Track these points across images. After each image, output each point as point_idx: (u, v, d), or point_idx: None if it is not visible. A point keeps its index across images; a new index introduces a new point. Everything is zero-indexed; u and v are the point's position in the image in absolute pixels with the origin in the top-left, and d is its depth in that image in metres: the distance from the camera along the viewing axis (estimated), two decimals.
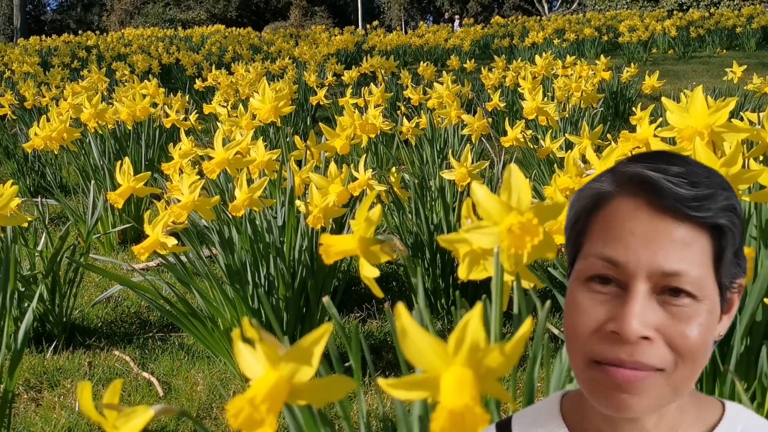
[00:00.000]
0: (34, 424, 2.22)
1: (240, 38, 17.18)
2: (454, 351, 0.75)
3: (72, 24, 34.81)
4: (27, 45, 17.37)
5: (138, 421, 0.89)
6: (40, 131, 3.60)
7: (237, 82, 6.65)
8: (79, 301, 3.14)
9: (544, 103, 3.24)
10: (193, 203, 2.20)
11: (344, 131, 2.86)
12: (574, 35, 13.33)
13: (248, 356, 0.89)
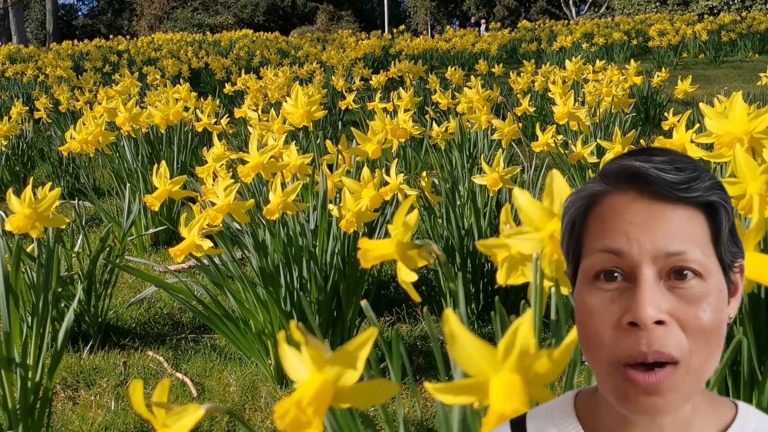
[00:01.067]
0: (72, 422, 2.26)
1: (267, 42, 17.33)
2: (503, 356, 0.76)
3: (103, 29, 35.35)
4: (60, 50, 17.68)
5: (188, 419, 0.91)
6: (76, 135, 3.68)
7: (266, 86, 6.72)
8: (113, 302, 3.19)
9: (576, 108, 3.22)
10: (229, 206, 2.23)
11: (376, 136, 2.88)
12: (603, 39, 13.23)
13: (293, 359, 0.90)
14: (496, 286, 1.24)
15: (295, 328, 0.86)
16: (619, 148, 2.91)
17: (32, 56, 15.92)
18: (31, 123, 5.93)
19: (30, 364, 1.88)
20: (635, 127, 5.30)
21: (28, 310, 2.25)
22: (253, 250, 2.41)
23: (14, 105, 6.18)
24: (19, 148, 5.64)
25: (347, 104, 5.29)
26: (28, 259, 2.41)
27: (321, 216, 2.51)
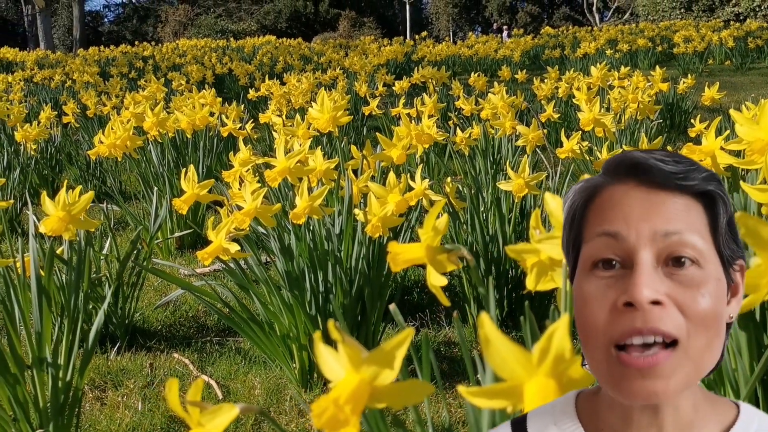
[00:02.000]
0: (99, 422, 2.29)
1: (290, 49, 17.45)
2: (538, 361, 0.76)
3: (128, 35, 35.80)
4: (86, 55, 17.96)
5: (223, 418, 0.92)
6: (104, 139, 3.73)
7: (289, 92, 6.76)
8: (139, 305, 3.23)
9: (602, 114, 3.21)
10: (256, 210, 2.25)
11: (401, 141, 2.89)
12: (627, 46, 13.15)
13: (329, 358, 0.91)
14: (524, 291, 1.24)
15: (333, 327, 0.87)
16: None
17: (60, 62, 16.19)
18: (59, 127, 6.02)
19: (61, 364, 1.91)
20: (661, 133, 5.26)
21: (58, 312, 2.29)
22: (279, 253, 2.43)
23: (43, 110, 6.28)
24: (48, 153, 5.73)
25: (371, 110, 5.31)
26: (58, 261, 2.45)
27: (346, 221, 2.52)
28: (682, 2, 25.49)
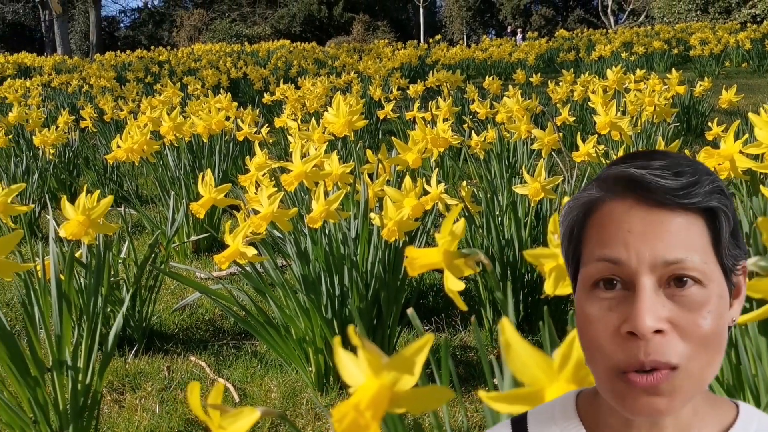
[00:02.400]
0: (118, 424, 2.30)
1: (305, 53, 17.51)
2: (560, 366, 0.76)
3: (144, 40, 36.06)
4: (103, 60, 18.11)
5: (245, 421, 0.93)
6: (122, 143, 3.76)
7: (304, 96, 6.79)
8: (156, 308, 3.25)
9: (618, 117, 3.19)
10: (272, 214, 2.26)
11: (416, 145, 2.89)
12: (643, 48, 13.08)
13: (349, 363, 0.91)
14: (541, 296, 1.24)
15: (353, 332, 0.87)
16: None
17: (77, 67, 16.35)
18: (77, 132, 6.08)
19: (80, 367, 1.92)
20: (677, 137, 5.23)
21: (77, 315, 2.31)
22: (295, 257, 2.44)
23: (61, 114, 6.34)
24: (66, 157, 5.79)
25: (386, 113, 5.32)
26: (77, 265, 2.47)
27: (362, 224, 2.53)
28: (698, 4, 25.32)
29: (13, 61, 17.64)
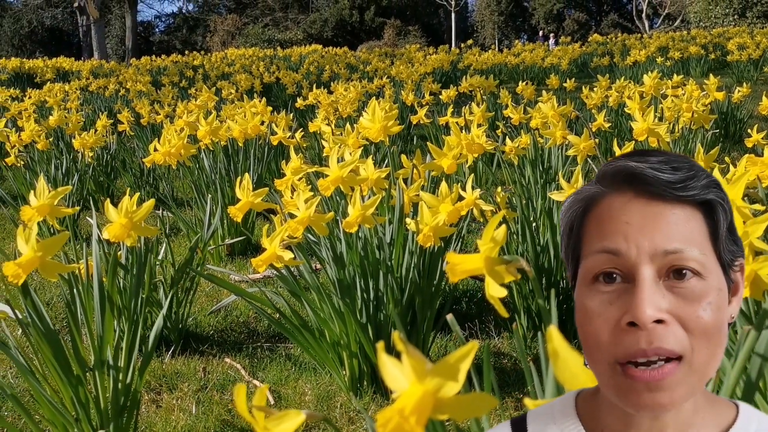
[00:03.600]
0: (155, 424, 2.34)
1: (336, 57, 17.62)
2: None
3: (178, 44, 36.63)
4: (139, 65, 18.43)
5: (290, 424, 0.93)
6: (160, 147, 3.82)
7: (337, 101, 6.83)
8: (192, 309, 3.29)
9: (656, 124, 3.16)
10: (309, 219, 2.27)
11: (451, 150, 2.89)
12: (679, 53, 12.90)
13: (393, 368, 0.91)
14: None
15: (398, 338, 0.88)
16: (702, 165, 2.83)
17: (113, 71, 16.66)
18: (114, 135, 6.19)
19: (121, 366, 1.96)
20: (715, 143, 5.15)
21: (118, 315, 2.35)
22: (331, 262, 2.45)
23: (99, 118, 6.46)
24: (104, 160, 5.90)
25: (419, 118, 5.33)
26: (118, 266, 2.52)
27: (397, 230, 2.53)
28: (735, 9, 24.89)
29: (52, 66, 18.04)
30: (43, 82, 14.94)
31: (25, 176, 5.10)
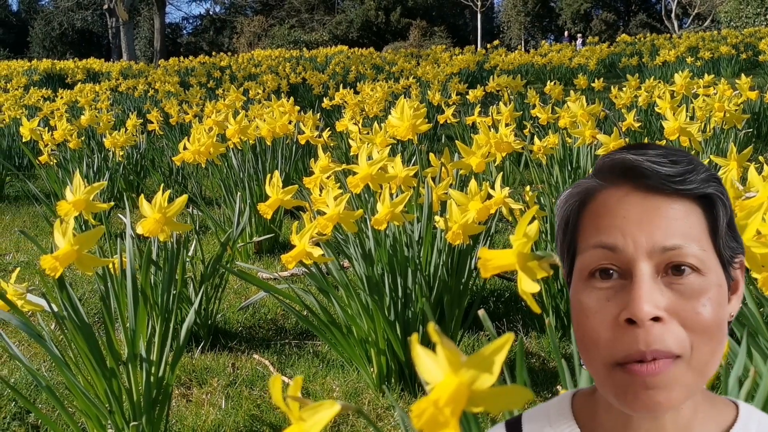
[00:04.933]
0: (186, 418, 2.37)
1: (362, 58, 17.66)
2: None
3: (205, 46, 37.00)
4: (167, 66, 18.65)
5: (324, 414, 0.94)
6: (189, 145, 3.87)
7: (363, 101, 6.85)
8: (220, 306, 3.33)
9: (688, 123, 3.12)
10: (339, 216, 2.29)
11: (480, 149, 2.89)
12: (709, 53, 12.71)
13: (427, 360, 0.92)
14: None
15: (433, 329, 0.88)
16: (734, 165, 2.79)
17: (142, 72, 16.88)
18: (144, 135, 6.27)
19: (154, 360, 1.99)
20: (748, 143, 5.07)
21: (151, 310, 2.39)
22: (360, 259, 2.46)
23: (129, 117, 6.55)
24: (133, 159, 5.98)
25: (446, 118, 5.32)
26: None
27: (426, 227, 2.54)
28: (767, 8, 24.47)
29: (83, 67, 18.33)
30: (74, 83, 15.19)
31: (57, 174, 5.19)
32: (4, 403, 2.50)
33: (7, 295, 1.87)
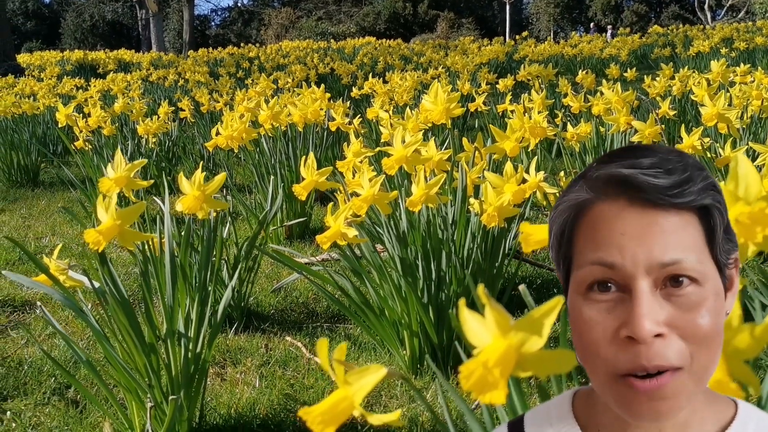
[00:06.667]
0: (221, 395, 2.40)
1: (390, 49, 17.63)
2: None
3: (233, 38, 37.19)
4: (196, 56, 18.81)
5: (372, 377, 0.95)
6: (222, 131, 3.90)
7: (393, 90, 6.84)
8: (252, 289, 3.36)
9: (726, 109, 3.07)
10: (373, 197, 2.29)
11: (514, 133, 2.87)
12: (744, 44, 12.48)
13: (474, 324, 0.92)
14: None
15: (482, 291, 0.88)
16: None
17: (172, 62, 17.03)
18: (176, 123, 6.34)
19: (191, 336, 2.01)
20: None
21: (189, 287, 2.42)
22: (394, 241, 2.47)
23: (161, 105, 6.63)
24: (165, 146, 6.05)
25: (477, 105, 5.30)
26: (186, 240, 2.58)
27: (460, 210, 2.53)
28: None
29: (114, 57, 18.57)
30: (106, 73, 15.39)
31: (92, 160, 5.27)
32: (44, 378, 2.56)
33: (50, 270, 1.91)
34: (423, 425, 2.17)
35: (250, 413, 2.27)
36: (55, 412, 2.32)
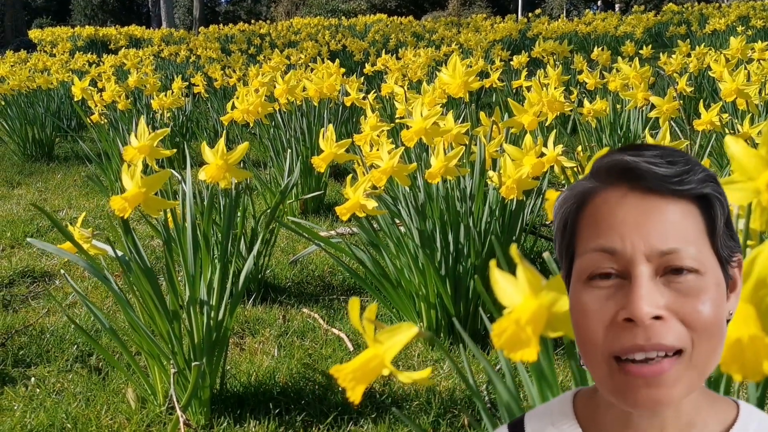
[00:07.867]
0: (240, 364, 2.43)
1: (402, 27, 17.51)
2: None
3: (243, 15, 37.00)
4: (207, 33, 18.74)
5: (403, 336, 0.96)
6: (238, 105, 3.91)
7: (406, 66, 6.81)
8: (269, 262, 3.38)
9: (746, 84, 3.04)
10: (392, 169, 2.30)
11: (532, 107, 2.86)
12: (762, 22, 12.30)
13: (505, 283, 0.93)
14: None
15: (515, 251, 0.89)
16: None
17: (183, 39, 17.00)
18: (189, 98, 6.35)
19: (213, 304, 2.04)
20: None
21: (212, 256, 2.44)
22: (413, 212, 2.48)
23: (174, 81, 6.63)
24: (179, 121, 6.06)
25: (492, 82, 5.28)
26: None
27: (478, 183, 2.54)
28: None
29: (125, 33, 18.53)
30: (117, 49, 15.38)
31: (108, 134, 5.29)
32: (66, 346, 2.60)
33: (74, 238, 1.93)
34: (440, 394, 2.19)
35: (270, 381, 2.30)
36: (78, 378, 2.36)
